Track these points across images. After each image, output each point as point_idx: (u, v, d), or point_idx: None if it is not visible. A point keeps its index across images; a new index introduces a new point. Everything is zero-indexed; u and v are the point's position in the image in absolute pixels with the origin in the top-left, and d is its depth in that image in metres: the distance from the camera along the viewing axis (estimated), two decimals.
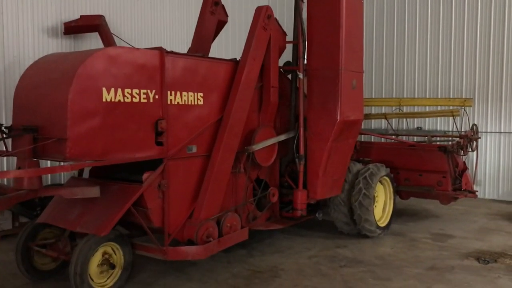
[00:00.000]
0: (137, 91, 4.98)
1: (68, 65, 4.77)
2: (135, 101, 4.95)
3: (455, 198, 8.42)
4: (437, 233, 7.94)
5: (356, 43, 7.01)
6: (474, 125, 8.87)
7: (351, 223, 7.43)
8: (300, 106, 6.95)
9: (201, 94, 5.71)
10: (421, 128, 11.42)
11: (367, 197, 7.22)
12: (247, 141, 6.34)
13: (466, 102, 9.59)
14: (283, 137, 6.95)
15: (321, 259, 6.52)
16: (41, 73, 5.11)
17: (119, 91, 4.81)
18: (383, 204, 7.92)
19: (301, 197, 6.88)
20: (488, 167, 10.93)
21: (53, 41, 8.16)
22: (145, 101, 5.05)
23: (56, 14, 8.18)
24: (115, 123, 4.80)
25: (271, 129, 6.74)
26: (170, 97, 5.31)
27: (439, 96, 11.40)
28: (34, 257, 5.50)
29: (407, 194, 8.84)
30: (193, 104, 5.61)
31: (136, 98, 4.96)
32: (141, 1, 9.80)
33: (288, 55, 7.37)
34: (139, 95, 5.00)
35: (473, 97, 10.86)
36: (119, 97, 4.81)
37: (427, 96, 11.58)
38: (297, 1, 7.11)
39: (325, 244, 7.23)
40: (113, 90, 4.75)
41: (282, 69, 7.18)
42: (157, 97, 5.17)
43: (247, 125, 6.31)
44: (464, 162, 8.84)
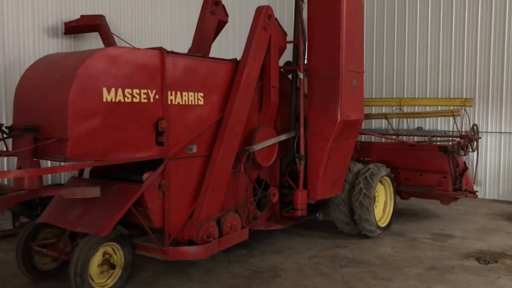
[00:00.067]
0: (138, 91, 4.98)
1: (68, 65, 4.78)
2: (135, 101, 4.95)
3: (456, 198, 8.41)
4: (438, 233, 7.94)
5: (356, 43, 7.00)
6: (474, 125, 8.87)
7: (352, 223, 7.43)
8: (300, 106, 6.95)
9: (201, 94, 5.71)
10: (422, 128, 11.42)
11: (368, 197, 7.22)
12: (248, 141, 6.34)
13: (466, 102, 9.58)
14: (283, 137, 6.95)
15: (321, 259, 6.53)
16: (42, 73, 5.11)
17: (120, 91, 4.81)
18: (383, 204, 7.92)
19: (301, 197, 6.89)
20: (488, 167, 10.93)
21: (54, 41, 8.16)
22: (146, 101, 5.06)
23: (56, 14, 8.19)
24: (115, 123, 4.80)
25: (271, 129, 6.74)
26: (170, 97, 5.31)
27: (439, 96, 11.40)
28: (34, 257, 5.50)
29: (407, 194, 8.84)
30: (193, 104, 5.62)
31: (136, 98, 4.96)
32: (141, 1, 9.80)
33: (288, 55, 7.37)
34: (140, 95, 5.00)
35: (474, 97, 10.85)
36: (119, 97, 4.81)
37: (428, 96, 11.58)
38: (297, 1, 7.10)
39: (326, 244, 7.23)
40: (113, 90, 4.75)
41: (282, 69, 7.18)
42: (157, 97, 5.17)
43: (248, 125, 6.31)
44: (464, 162, 8.85)
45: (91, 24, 8.21)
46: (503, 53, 10.63)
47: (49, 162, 6.26)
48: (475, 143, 8.69)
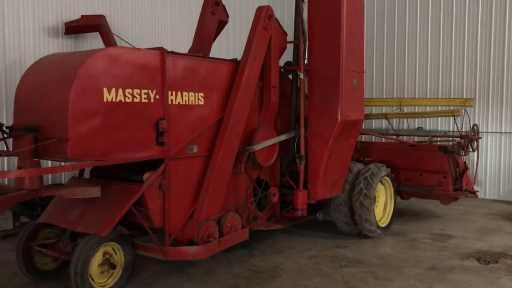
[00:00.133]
0: (138, 91, 4.98)
1: (69, 65, 4.78)
2: (136, 101, 4.96)
3: (456, 198, 8.42)
4: (438, 233, 7.94)
5: (356, 43, 7.01)
6: (474, 125, 8.87)
7: (352, 223, 7.43)
8: (300, 106, 6.96)
9: (202, 94, 5.72)
10: (422, 128, 11.42)
11: (368, 197, 7.22)
12: (248, 141, 6.34)
13: (466, 102, 9.58)
14: (283, 137, 6.95)
15: (321, 259, 6.53)
16: (42, 73, 5.11)
17: (120, 91, 4.81)
18: (383, 204, 7.92)
19: (301, 197, 6.89)
20: (488, 167, 10.93)
21: (54, 41, 8.16)
22: (146, 101, 5.06)
23: (57, 14, 8.19)
24: (116, 123, 4.81)
25: (271, 129, 6.74)
26: (171, 97, 5.31)
27: (439, 96, 11.40)
28: (35, 257, 5.50)
29: (407, 194, 8.84)
30: (194, 104, 5.62)
31: (137, 98, 4.97)
32: (141, 1, 9.81)
33: (289, 55, 7.37)
34: (140, 95, 5.00)
35: (474, 97, 10.85)
36: (120, 97, 4.81)
37: (428, 96, 11.58)
38: (297, 1, 7.11)
39: (326, 244, 7.23)
40: (114, 90, 4.76)
41: (282, 69, 7.18)
42: (158, 97, 5.17)
43: (248, 125, 6.31)
44: (464, 162, 8.85)
45: (91, 24, 8.21)
46: (503, 53, 10.63)
47: (50, 162, 6.27)
48: (475, 143, 8.69)
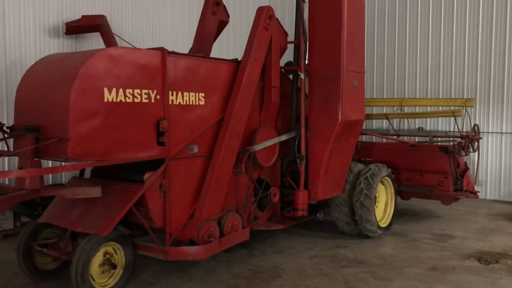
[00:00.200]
0: (139, 91, 4.98)
1: (69, 65, 4.78)
2: (136, 101, 4.96)
3: (456, 198, 8.41)
4: (438, 234, 7.93)
5: (357, 43, 7.00)
6: (475, 125, 8.87)
7: (352, 223, 7.43)
8: (301, 106, 6.95)
9: (202, 94, 5.72)
10: (423, 128, 11.41)
11: (369, 197, 7.22)
12: (248, 141, 6.34)
13: (467, 102, 9.58)
14: (284, 137, 6.95)
15: (322, 259, 6.53)
16: (43, 73, 5.11)
17: (121, 91, 4.82)
18: (384, 204, 7.91)
19: (302, 197, 6.89)
20: (489, 167, 10.92)
21: (55, 41, 8.17)
22: (147, 101, 5.06)
23: (57, 14, 8.19)
24: (116, 123, 4.81)
25: (272, 129, 6.74)
26: (171, 97, 5.32)
27: (440, 96, 11.39)
28: (35, 257, 5.51)
29: (408, 194, 8.84)
30: (194, 104, 5.62)
31: (137, 98, 4.97)
32: (142, 1, 9.81)
33: (289, 55, 7.38)
34: (141, 95, 5.00)
35: (475, 97, 10.84)
36: (120, 97, 4.81)
37: (429, 96, 11.57)
38: (298, 1, 7.12)
39: (326, 244, 7.23)
40: (114, 90, 4.76)
41: (283, 69, 7.19)
42: (158, 97, 5.18)
43: (248, 125, 6.31)
44: (465, 162, 8.84)
45: (92, 24, 8.22)
46: (504, 53, 10.62)
47: (50, 162, 6.27)
48: (476, 143, 8.69)
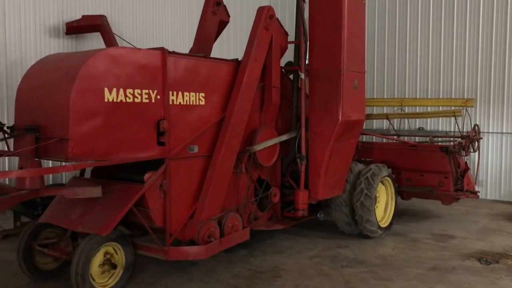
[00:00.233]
0: (139, 91, 4.98)
1: (70, 65, 4.78)
2: (137, 101, 4.96)
3: (457, 198, 8.40)
4: (439, 234, 7.93)
5: (358, 43, 7.00)
6: (476, 125, 8.86)
7: (353, 224, 7.43)
8: (301, 106, 6.95)
9: (202, 94, 5.72)
10: (423, 128, 11.41)
11: (369, 197, 7.22)
12: (249, 141, 6.34)
13: (468, 102, 9.56)
14: (284, 137, 6.95)
15: (322, 259, 6.52)
16: (43, 73, 5.11)
17: (121, 91, 4.82)
18: (384, 204, 7.91)
19: (302, 197, 6.89)
20: (489, 167, 10.91)
21: (55, 41, 8.17)
22: (147, 101, 5.06)
23: (58, 14, 8.20)
24: (117, 123, 4.81)
25: (272, 129, 6.74)
26: (172, 97, 5.32)
27: (441, 96, 11.38)
28: (35, 257, 5.50)
29: (408, 194, 8.84)
30: (194, 104, 5.62)
31: (138, 98, 4.97)
32: (143, 1, 9.81)
33: (289, 55, 7.37)
34: (141, 95, 5.00)
35: (475, 97, 10.83)
36: (121, 97, 4.82)
37: (429, 96, 11.57)
38: (298, 1, 7.11)
39: (327, 244, 7.23)
40: (115, 90, 4.76)
41: (283, 69, 7.19)
42: (159, 97, 5.18)
43: (249, 125, 6.31)
44: (465, 162, 8.83)
45: (92, 24, 8.22)
46: (504, 53, 10.61)
47: (51, 162, 6.27)
48: (476, 143, 8.69)
